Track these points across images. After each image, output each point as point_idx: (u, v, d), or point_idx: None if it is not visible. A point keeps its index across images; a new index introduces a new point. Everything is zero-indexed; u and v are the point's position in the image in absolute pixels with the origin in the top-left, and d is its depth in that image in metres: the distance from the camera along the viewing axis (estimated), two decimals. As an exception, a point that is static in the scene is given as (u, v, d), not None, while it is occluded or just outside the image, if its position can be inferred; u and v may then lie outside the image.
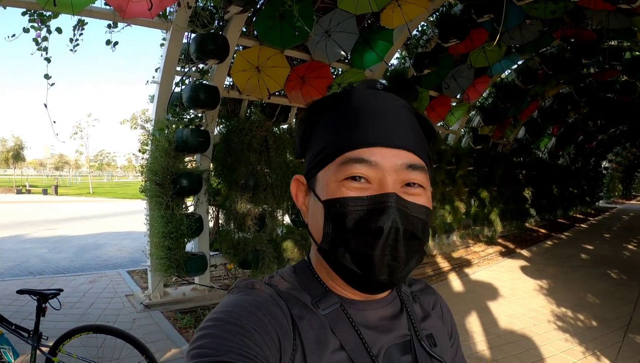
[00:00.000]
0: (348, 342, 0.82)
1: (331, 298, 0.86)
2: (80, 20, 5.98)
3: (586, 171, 25.90)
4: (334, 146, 0.82)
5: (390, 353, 0.86)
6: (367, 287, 0.82)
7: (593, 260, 11.36)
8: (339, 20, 7.44)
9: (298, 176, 0.93)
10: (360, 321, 0.86)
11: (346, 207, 0.78)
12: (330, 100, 0.90)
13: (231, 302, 0.82)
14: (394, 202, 0.77)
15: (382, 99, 0.85)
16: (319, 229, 0.84)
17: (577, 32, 9.43)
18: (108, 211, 27.15)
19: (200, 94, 6.44)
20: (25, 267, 10.44)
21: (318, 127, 0.88)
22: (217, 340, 0.71)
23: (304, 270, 0.93)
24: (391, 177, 0.79)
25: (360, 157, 0.79)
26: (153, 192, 6.58)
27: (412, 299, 1.02)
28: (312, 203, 0.87)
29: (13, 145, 58.26)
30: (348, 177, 0.79)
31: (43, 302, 3.82)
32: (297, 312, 0.83)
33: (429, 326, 0.98)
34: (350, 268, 0.80)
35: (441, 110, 10.96)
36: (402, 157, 0.80)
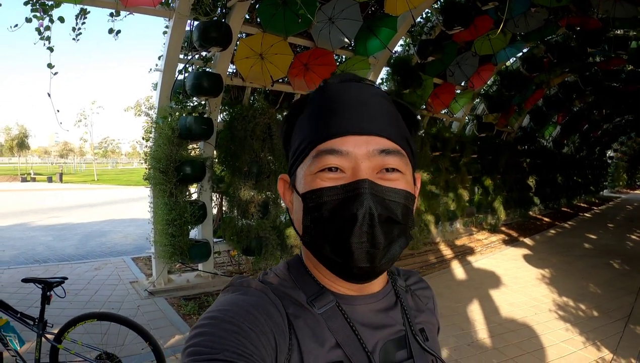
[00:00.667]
0: (344, 339, 0.82)
1: (326, 297, 0.86)
2: (82, 9, 5.95)
3: (591, 160, 25.81)
4: (307, 141, 0.83)
5: (387, 348, 0.87)
6: (351, 275, 0.82)
7: (596, 250, 11.35)
8: (342, 7, 7.42)
9: (283, 175, 0.94)
10: (355, 317, 0.86)
11: (321, 197, 0.79)
12: (306, 99, 0.90)
13: (227, 300, 0.82)
14: (367, 188, 0.77)
15: (354, 89, 0.86)
16: (300, 223, 0.84)
17: (583, 21, 9.37)
18: (113, 198, 27.22)
19: (203, 81, 6.43)
20: (30, 255, 10.49)
21: (296, 125, 0.89)
22: (213, 339, 0.71)
23: (297, 267, 0.93)
24: (364, 164, 0.79)
25: (332, 148, 0.79)
26: (157, 180, 6.60)
27: (406, 292, 1.02)
28: (295, 199, 0.87)
29: (17, 133, 58.40)
30: (322, 168, 0.80)
31: (48, 290, 3.85)
32: (293, 311, 0.83)
33: (422, 321, 0.99)
34: (331, 258, 0.80)
35: (445, 98, 10.93)
36: (374, 143, 0.80)
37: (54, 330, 3.84)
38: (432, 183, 10.99)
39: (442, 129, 11.82)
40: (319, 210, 0.79)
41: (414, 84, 9.42)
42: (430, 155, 10.89)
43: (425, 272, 8.81)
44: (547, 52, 11.49)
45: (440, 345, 3.78)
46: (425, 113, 11.18)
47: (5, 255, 10.07)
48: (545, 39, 11.09)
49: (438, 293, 7.26)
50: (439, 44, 9.04)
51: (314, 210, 0.80)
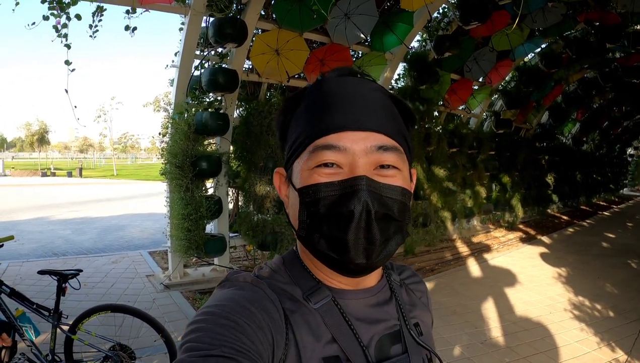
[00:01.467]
0: (340, 334, 0.83)
1: (322, 292, 0.87)
2: (99, 6, 6.00)
3: (610, 158, 25.50)
4: (304, 135, 0.83)
5: (382, 343, 0.88)
6: (347, 270, 0.83)
7: (614, 249, 11.21)
8: (358, 2, 7.42)
9: (279, 169, 0.94)
10: (351, 312, 0.87)
11: (318, 193, 0.79)
12: (303, 92, 0.90)
13: (223, 295, 0.82)
14: (364, 184, 0.77)
15: (352, 84, 0.86)
16: (296, 217, 0.84)
17: (602, 16, 9.25)
18: (131, 193, 27.47)
19: (219, 77, 6.46)
20: (49, 249, 10.65)
21: (293, 119, 0.89)
22: (209, 334, 0.72)
23: (292, 261, 0.93)
24: (362, 160, 0.79)
25: (329, 143, 0.80)
26: (173, 175, 6.66)
27: (401, 287, 1.03)
28: (290, 192, 0.88)
29: (38, 128, 59.07)
30: (319, 164, 0.80)
31: (63, 282, 3.91)
32: (289, 306, 0.84)
33: (416, 315, 0.99)
34: (327, 253, 0.81)
35: (463, 94, 10.87)
36: (372, 139, 0.81)
37: (68, 322, 3.89)
38: (449, 180, 10.95)
39: (460, 125, 11.76)
40: (316, 206, 0.80)
41: (430, 79, 9.39)
42: (448, 152, 10.84)
43: (441, 269, 8.80)
44: (565, 47, 11.36)
45: (453, 342, 3.81)
46: (443, 109, 11.14)
47: (25, 248, 10.20)
48: (563, 34, 10.98)
49: (453, 290, 7.27)
50: (455, 40, 9.00)
51: (310, 205, 0.81)
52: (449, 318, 6.12)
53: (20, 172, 48.44)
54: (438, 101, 10.57)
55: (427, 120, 10.31)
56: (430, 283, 7.79)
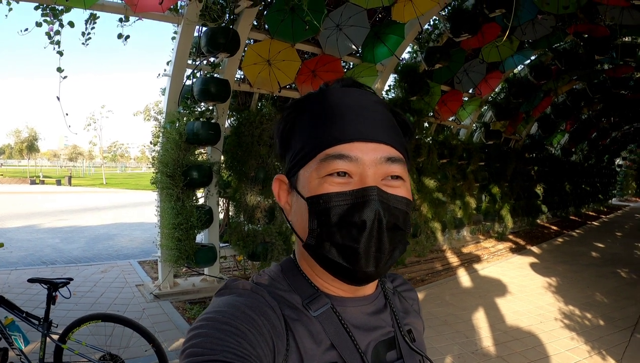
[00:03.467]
0: (338, 341, 0.84)
1: (322, 300, 0.88)
2: (92, 14, 6.04)
3: (599, 168, 25.72)
4: (313, 144, 0.84)
5: (378, 349, 0.89)
6: (355, 279, 0.83)
7: (603, 259, 11.30)
8: (350, 14, 7.46)
9: (279, 175, 0.95)
10: (348, 319, 0.88)
11: (330, 202, 0.80)
12: (306, 101, 0.91)
13: (223, 302, 0.82)
14: (375, 195, 0.79)
15: (357, 95, 0.88)
16: (304, 226, 0.85)
17: (591, 28, 9.37)
18: (120, 202, 27.36)
19: (211, 87, 6.48)
20: (38, 257, 10.59)
21: (296, 127, 0.90)
22: (211, 340, 0.71)
23: (291, 269, 0.94)
24: (371, 170, 0.81)
25: (341, 153, 0.80)
26: (164, 184, 6.64)
27: (394, 294, 1.05)
28: (295, 201, 0.88)
29: (27, 136, 58.72)
30: (330, 173, 0.81)
31: (53, 290, 3.90)
32: (289, 314, 0.84)
33: (409, 322, 1.01)
34: (337, 262, 0.81)
35: (453, 105, 10.94)
36: (381, 151, 0.82)
37: (58, 331, 3.89)
38: (439, 191, 10.96)
39: (450, 136, 11.81)
40: (327, 215, 0.80)
41: (421, 91, 9.43)
42: (438, 163, 10.87)
43: (431, 279, 8.80)
44: (554, 59, 11.49)
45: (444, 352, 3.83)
46: (433, 120, 11.20)
47: (13, 256, 10.14)
48: (553, 46, 11.08)
49: (443, 301, 7.29)
50: (446, 51, 9.05)
51: (321, 214, 0.81)
52: (440, 328, 6.12)
53: (8, 180, 48.22)
54: (428, 112, 10.63)
55: (417, 131, 10.34)
56: (421, 294, 7.77)
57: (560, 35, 10.00)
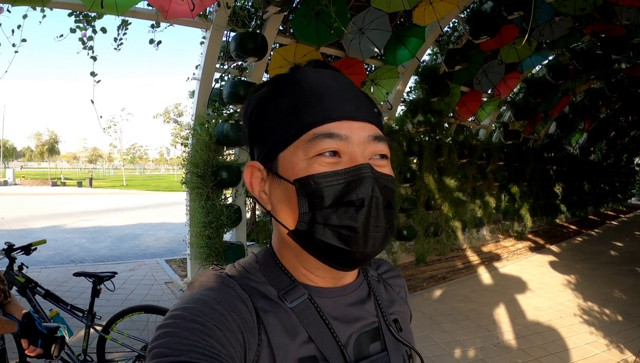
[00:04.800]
0: (317, 334, 0.82)
1: (298, 291, 0.85)
2: (124, 20, 6.24)
3: (618, 167, 25.50)
4: (297, 125, 0.80)
5: (360, 341, 0.87)
6: (351, 261, 0.81)
7: (622, 257, 11.31)
8: (372, 18, 7.60)
9: (252, 162, 0.89)
10: (328, 310, 0.85)
11: (322, 182, 0.77)
12: (278, 82, 0.88)
13: (192, 297, 0.79)
14: (370, 172, 0.78)
15: (333, 76, 0.86)
16: (291, 212, 0.81)
17: (607, 28, 9.40)
18: (142, 203, 27.63)
19: (240, 90, 6.63)
20: (66, 256, 10.81)
21: (271, 109, 0.85)
22: (177, 339, 0.70)
23: (267, 260, 0.91)
24: (360, 149, 0.79)
25: (330, 132, 0.78)
26: (194, 184, 6.81)
27: (379, 282, 1.03)
28: (277, 187, 0.84)
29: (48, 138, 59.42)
30: (319, 153, 0.78)
31: (98, 283, 4.07)
32: (262, 305, 0.82)
33: (395, 311, 0.99)
34: (333, 245, 0.78)
35: (472, 106, 11.01)
36: (368, 129, 0.81)
37: (102, 322, 4.05)
38: (459, 190, 11.06)
39: (469, 136, 11.89)
40: (320, 196, 0.77)
41: (441, 92, 9.53)
42: (458, 163, 10.96)
43: (453, 277, 8.93)
44: (572, 59, 11.52)
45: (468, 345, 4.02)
46: (453, 121, 11.30)
47: (42, 255, 10.26)
48: (570, 46, 11.11)
49: (465, 297, 7.41)
50: (466, 53, 9.15)
51: (313, 196, 0.78)
52: (462, 322, 6.28)
53: (30, 181, 48.66)
54: (448, 113, 10.69)
55: (438, 131, 10.46)
56: (442, 290, 7.95)
57: (577, 36, 10.05)
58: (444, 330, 5.97)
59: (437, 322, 6.27)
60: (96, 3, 5.29)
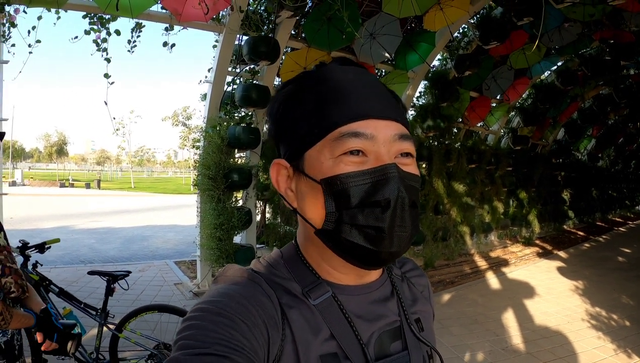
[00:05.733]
0: (339, 331, 0.82)
1: (322, 288, 0.85)
2: (138, 23, 6.31)
3: (626, 174, 25.42)
4: (323, 123, 0.81)
5: (382, 340, 0.87)
6: (378, 260, 0.81)
7: (629, 263, 11.29)
8: (383, 23, 7.65)
9: (278, 160, 0.89)
10: (351, 308, 0.85)
11: (349, 182, 0.77)
12: (303, 80, 0.88)
13: (219, 291, 0.80)
14: (395, 172, 0.77)
15: (359, 73, 0.86)
16: (318, 211, 0.82)
17: (616, 34, 9.44)
18: (150, 205, 27.76)
19: (252, 93, 6.68)
20: (75, 256, 10.88)
21: (297, 107, 0.86)
22: (203, 332, 0.70)
23: (292, 256, 0.91)
24: (386, 148, 0.79)
25: (356, 131, 0.78)
26: (206, 186, 6.86)
27: (402, 281, 1.03)
28: (303, 185, 0.84)
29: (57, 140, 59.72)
30: (344, 152, 0.78)
31: (112, 282, 4.14)
32: (287, 301, 0.82)
33: (417, 310, 0.99)
34: (360, 244, 0.78)
35: (481, 111, 11.02)
36: (393, 128, 0.81)
37: (115, 321, 4.10)
38: (468, 195, 11.08)
39: (478, 141, 11.91)
40: (346, 196, 0.77)
41: (451, 97, 9.57)
42: (467, 168, 10.97)
43: (461, 282, 8.96)
44: (581, 65, 11.53)
45: (476, 349, 4.06)
46: (462, 126, 11.33)
47: (51, 255, 10.18)
48: (579, 52, 11.12)
49: (473, 301, 7.43)
50: (475, 59, 9.18)
51: (340, 196, 0.78)
52: (471, 326, 6.31)
53: (38, 182, 48.95)
54: (458, 118, 10.72)
55: (447, 136, 10.49)
56: (451, 295, 7.98)
57: (586, 42, 10.07)
58: (452, 334, 6.01)
59: (446, 326, 6.30)
60: (111, 5, 5.38)
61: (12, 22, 5.58)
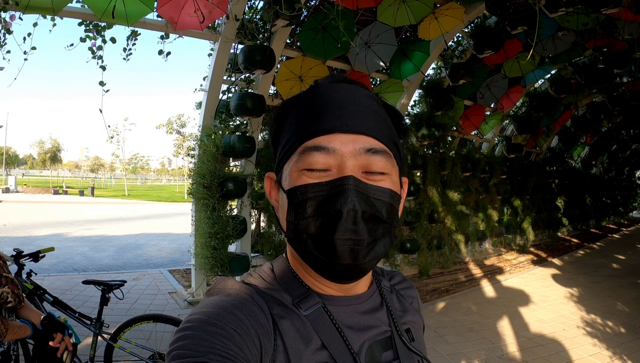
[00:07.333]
0: (330, 341, 0.83)
1: (312, 299, 0.87)
2: (133, 31, 6.32)
3: (619, 181, 25.56)
4: (295, 138, 0.84)
5: (373, 350, 0.88)
6: (333, 273, 0.82)
7: (624, 270, 11.35)
8: (378, 32, 7.69)
9: (270, 173, 0.94)
10: (341, 319, 0.87)
11: (306, 193, 0.79)
12: (296, 98, 0.91)
13: (211, 302, 0.81)
14: (351, 184, 0.78)
15: (344, 89, 0.86)
16: (284, 219, 0.85)
17: (609, 43, 9.50)
18: (144, 213, 27.68)
19: (247, 102, 6.66)
20: (69, 264, 10.82)
21: (285, 124, 0.89)
22: (196, 341, 0.71)
23: (282, 268, 0.93)
24: (350, 161, 0.80)
25: (318, 145, 0.80)
26: (200, 195, 6.84)
27: (391, 292, 1.04)
28: (280, 196, 0.88)
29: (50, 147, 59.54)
30: (307, 166, 0.81)
31: (107, 292, 4.07)
32: (278, 312, 0.83)
33: (407, 321, 1.00)
34: (313, 254, 0.81)
35: (475, 119, 11.07)
36: (361, 141, 0.81)
37: (109, 330, 4.06)
38: (462, 204, 11.08)
39: (472, 150, 11.93)
40: (303, 206, 0.80)
41: (445, 106, 9.58)
42: (461, 176, 10.98)
43: (456, 290, 8.96)
44: (574, 73, 11.55)
45: (472, 357, 4.06)
46: (456, 134, 11.35)
47: (45, 263, 10.25)
48: (572, 60, 11.18)
49: (469, 310, 7.44)
50: (470, 67, 9.20)
51: (298, 206, 0.81)
52: (466, 335, 6.31)
53: (32, 189, 48.70)
54: (452, 127, 10.76)
55: (441, 145, 10.50)
56: (446, 303, 7.98)
57: (579, 50, 10.11)
58: (448, 342, 6.00)
59: (441, 335, 6.30)
60: (107, 13, 5.38)
61: (8, 29, 5.57)
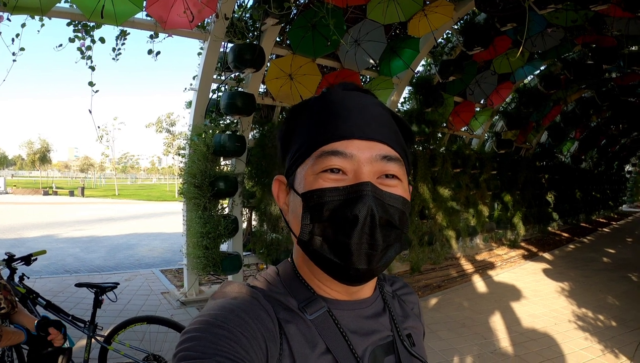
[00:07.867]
0: (335, 345, 0.84)
1: (318, 303, 0.88)
2: (122, 30, 6.27)
3: (609, 175, 25.66)
4: (310, 142, 0.85)
5: (376, 354, 0.89)
6: (347, 276, 0.83)
7: (614, 264, 11.42)
8: (368, 29, 7.69)
9: (279, 176, 0.95)
10: (345, 323, 0.88)
11: (323, 197, 0.80)
12: (307, 103, 0.92)
13: (218, 305, 0.81)
14: (369, 190, 0.79)
15: (357, 96, 0.89)
16: (297, 222, 0.85)
17: (598, 39, 9.53)
18: (135, 213, 27.59)
19: (237, 101, 6.65)
20: (60, 266, 10.77)
21: (296, 129, 0.91)
22: (203, 343, 0.71)
23: (287, 272, 0.94)
24: (366, 168, 0.81)
25: (336, 150, 0.81)
26: (191, 194, 6.82)
27: (393, 298, 1.05)
28: (292, 199, 0.88)
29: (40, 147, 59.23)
30: (325, 169, 0.82)
31: (100, 294, 4.04)
32: (284, 316, 0.84)
33: (408, 326, 1.01)
34: (328, 258, 0.81)
35: (465, 116, 11.10)
36: (377, 148, 0.83)
37: (103, 333, 4.03)
38: (453, 200, 11.10)
39: (463, 146, 11.98)
40: (320, 210, 0.81)
41: (435, 102, 9.61)
42: (452, 172, 10.99)
43: (448, 286, 8.99)
44: (564, 69, 11.58)
45: (465, 353, 4.10)
46: (446, 131, 11.37)
47: (36, 265, 10.04)
48: (562, 56, 11.23)
49: (461, 305, 7.46)
50: (459, 64, 9.20)
51: (314, 210, 0.81)
52: (459, 330, 6.34)
53: (22, 190, 48.53)
54: (442, 123, 10.78)
55: (431, 141, 10.51)
56: (438, 299, 8.00)
57: (569, 46, 10.16)
58: (440, 338, 6.02)
59: (434, 330, 6.32)
60: (96, 13, 5.34)
61: (-5, 30, 5.51)
